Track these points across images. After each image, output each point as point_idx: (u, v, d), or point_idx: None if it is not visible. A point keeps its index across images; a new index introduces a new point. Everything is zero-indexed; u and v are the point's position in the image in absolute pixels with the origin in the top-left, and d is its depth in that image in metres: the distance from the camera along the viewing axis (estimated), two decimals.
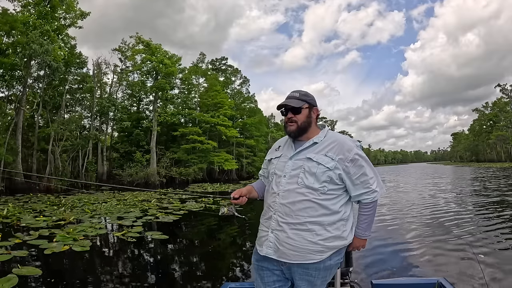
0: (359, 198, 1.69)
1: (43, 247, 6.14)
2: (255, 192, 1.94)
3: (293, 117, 1.72)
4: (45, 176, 15.55)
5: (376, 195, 1.69)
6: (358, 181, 1.65)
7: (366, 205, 1.71)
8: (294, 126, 1.72)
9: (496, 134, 67.93)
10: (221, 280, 4.65)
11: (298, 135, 1.73)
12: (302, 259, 1.61)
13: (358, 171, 1.64)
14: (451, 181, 22.81)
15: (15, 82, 21.83)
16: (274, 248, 1.65)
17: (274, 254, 1.66)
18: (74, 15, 24.12)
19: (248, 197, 1.86)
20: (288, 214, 1.62)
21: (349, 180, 1.64)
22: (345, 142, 1.67)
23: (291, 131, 1.73)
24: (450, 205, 10.54)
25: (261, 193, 1.94)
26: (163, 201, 14.10)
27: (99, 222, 8.93)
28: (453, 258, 5.02)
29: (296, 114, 1.72)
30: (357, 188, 1.66)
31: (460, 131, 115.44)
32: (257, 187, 1.97)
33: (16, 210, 11.00)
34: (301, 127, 1.72)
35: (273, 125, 54.93)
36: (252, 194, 1.92)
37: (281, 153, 1.79)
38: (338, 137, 1.71)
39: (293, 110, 1.72)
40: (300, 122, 1.71)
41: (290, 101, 1.73)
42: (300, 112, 1.72)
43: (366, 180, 1.66)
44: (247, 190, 1.87)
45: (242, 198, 1.81)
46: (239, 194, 1.81)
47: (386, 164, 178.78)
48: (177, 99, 34.36)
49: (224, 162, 32.96)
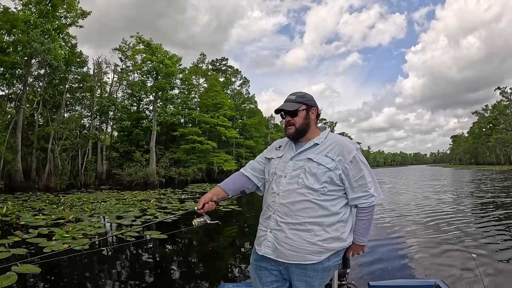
0: (357, 202, 1.69)
1: (42, 245, 6.16)
2: (223, 192, 1.84)
3: (291, 120, 1.74)
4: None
5: (373, 200, 1.69)
6: (356, 184, 1.65)
7: (363, 209, 1.71)
8: (292, 129, 1.73)
9: (495, 137, 68.03)
10: (219, 280, 4.66)
11: (297, 137, 1.75)
12: (300, 259, 1.61)
13: (357, 174, 1.65)
14: (449, 183, 22.83)
15: (15, 81, 21.83)
16: (272, 248, 1.65)
17: (272, 254, 1.65)
18: (75, 14, 24.16)
19: (215, 200, 1.77)
20: (287, 214, 1.62)
21: (348, 182, 1.65)
22: (346, 144, 1.68)
23: (289, 134, 1.75)
24: (448, 207, 10.56)
25: (230, 191, 1.85)
26: (162, 201, 14.12)
27: (98, 221, 8.94)
28: (450, 260, 5.04)
29: (293, 117, 1.74)
30: (355, 191, 1.66)
31: (459, 133, 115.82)
32: (226, 186, 1.87)
33: (16, 209, 11.02)
34: (299, 130, 1.73)
35: (273, 126, 54.96)
36: (219, 195, 1.82)
37: (282, 153, 1.79)
38: (338, 139, 1.72)
39: (290, 113, 1.74)
40: (298, 125, 1.73)
41: (286, 105, 1.75)
42: (297, 115, 1.74)
43: (365, 184, 1.66)
44: (211, 195, 1.78)
45: (207, 205, 1.73)
46: (202, 203, 1.73)
47: (386, 166, 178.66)
48: (177, 99, 34.35)
49: (223, 162, 32.97)
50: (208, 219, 1.75)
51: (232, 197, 1.88)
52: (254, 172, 1.90)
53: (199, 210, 1.73)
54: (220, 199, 1.82)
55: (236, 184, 1.90)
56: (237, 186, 1.89)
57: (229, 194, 1.86)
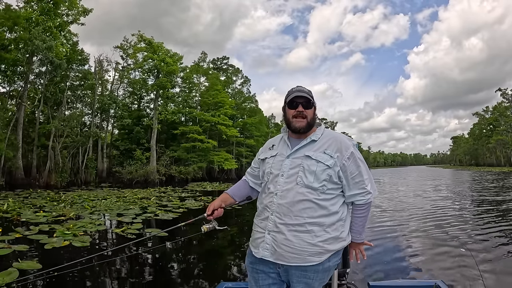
0: (353, 199, 1.66)
1: (43, 242, 6.18)
2: (231, 199, 1.86)
3: (304, 112, 1.66)
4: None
5: (370, 197, 1.66)
6: (354, 180, 1.62)
7: (360, 206, 1.67)
8: (305, 122, 1.65)
9: (496, 138, 67.99)
10: (218, 279, 4.67)
11: (306, 130, 1.67)
12: (301, 261, 1.56)
13: (355, 170, 1.62)
14: (449, 184, 22.84)
15: (16, 78, 21.90)
16: (271, 250, 1.59)
17: (271, 256, 1.60)
18: (76, 11, 24.18)
19: (223, 207, 1.79)
20: (286, 214, 1.57)
21: (345, 179, 1.62)
22: (343, 140, 1.65)
23: (301, 127, 1.65)
24: (448, 207, 10.56)
25: (237, 197, 1.88)
26: (163, 199, 14.14)
27: (98, 219, 8.96)
28: (450, 260, 5.04)
29: (307, 109, 1.67)
30: (352, 188, 1.63)
31: (460, 134, 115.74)
32: (233, 192, 1.89)
33: (16, 205, 11.05)
34: (310, 123, 1.67)
35: (273, 125, 54.97)
36: (227, 202, 1.84)
37: (276, 151, 1.72)
38: (335, 135, 1.69)
39: (307, 105, 1.67)
40: (310, 118, 1.67)
41: (304, 95, 1.67)
42: (311, 108, 1.69)
43: (362, 181, 1.63)
44: (220, 201, 1.80)
45: (216, 212, 1.75)
46: (211, 209, 1.75)
47: (386, 167, 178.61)
48: (178, 97, 34.41)
49: (224, 161, 33.01)
50: (216, 225, 1.77)
51: (239, 203, 1.91)
52: (254, 179, 1.90)
53: (208, 216, 1.75)
54: (228, 206, 1.85)
55: (242, 191, 1.92)
56: (243, 193, 1.91)
57: (237, 200, 1.88)
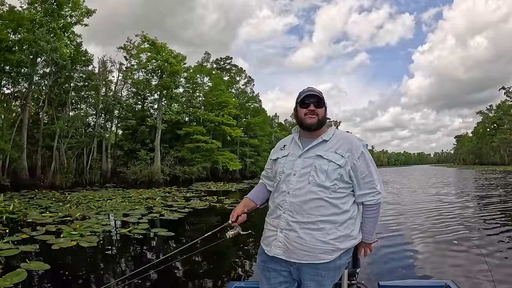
0: (363, 199, 1.67)
1: (50, 243, 6.19)
2: (252, 203, 1.90)
3: (315, 110, 1.69)
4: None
5: (380, 197, 1.68)
6: (364, 180, 1.65)
7: (370, 206, 1.69)
8: (316, 118, 1.69)
9: (499, 137, 67.60)
10: (226, 278, 4.65)
11: (318, 127, 1.70)
12: (313, 259, 1.58)
13: (365, 170, 1.64)
14: (454, 183, 22.71)
15: (21, 79, 21.95)
16: (283, 248, 1.62)
17: (283, 254, 1.63)
18: (80, 12, 24.23)
19: (246, 212, 1.83)
20: (298, 212, 1.60)
21: (355, 178, 1.64)
22: (354, 140, 1.68)
23: (312, 123, 1.69)
24: (456, 206, 10.50)
25: (259, 200, 1.92)
26: (168, 199, 14.16)
27: (105, 219, 8.98)
28: (460, 260, 5.00)
29: (318, 108, 1.70)
30: (362, 187, 1.65)
31: (464, 133, 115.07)
32: (254, 196, 1.93)
33: (22, 206, 11.10)
34: (321, 121, 1.70)
35: (277, 125, 54.96)
36: (249, 206, 1.88)
37: (288, 151, 1.76)
38: (346, 135, 1.73)
39: (318, 103, 1.71)
40: (321, 116, 1.70)
41: (315, 94, 1.72)
42: (322, 107, 1.72)
43: (372, 181, 1.65)
44: (242, 207, 1.84)
45: (240, 218, 1.78)
46: (235, 215, 1.78)
47: (389, 166, 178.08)
48: (182, 97, 34.45)
49: (229, 162, 33.01)
50: (240, 230, 1.79)
51: (260, 206, 1.94)
52: (270, 181, 1.90)
53: (233, 223, 1.78)
54: (250, 210, 1.88)
55: (261, 194, 1.94)
56: (263, 196, 1.94)
57: (258, 204, 1.92)
